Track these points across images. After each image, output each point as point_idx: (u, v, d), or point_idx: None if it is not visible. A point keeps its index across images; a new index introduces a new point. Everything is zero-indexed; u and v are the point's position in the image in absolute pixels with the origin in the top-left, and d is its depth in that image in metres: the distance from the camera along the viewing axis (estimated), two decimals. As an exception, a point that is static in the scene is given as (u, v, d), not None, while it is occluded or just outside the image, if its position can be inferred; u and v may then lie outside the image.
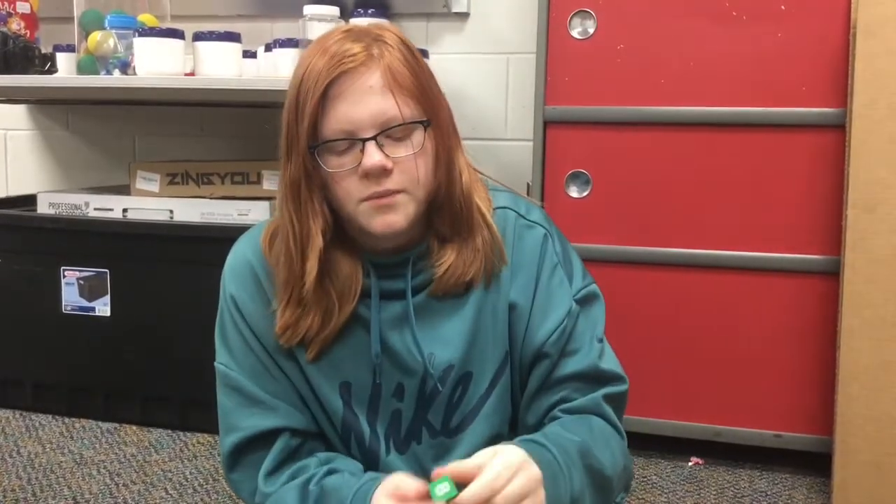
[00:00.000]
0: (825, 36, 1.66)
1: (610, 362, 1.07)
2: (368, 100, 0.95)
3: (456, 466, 0.87)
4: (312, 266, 0.98)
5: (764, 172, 1.72)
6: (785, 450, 1.78)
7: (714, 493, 1.70)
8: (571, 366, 1.04)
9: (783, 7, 1.68)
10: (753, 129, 1.71)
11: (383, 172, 0.95)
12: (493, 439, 1.06)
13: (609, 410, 1.05)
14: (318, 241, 0.98)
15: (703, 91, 1.73)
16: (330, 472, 1.02)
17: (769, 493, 1.71)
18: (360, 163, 0.95)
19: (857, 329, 1.57)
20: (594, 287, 1.10)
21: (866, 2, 1.54)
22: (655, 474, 1.79)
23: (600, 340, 1.07)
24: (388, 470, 1.06)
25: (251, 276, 1.06)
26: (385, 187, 0.95)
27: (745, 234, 1.74)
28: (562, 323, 1.03)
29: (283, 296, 1.02)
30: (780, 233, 1.72)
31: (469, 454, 1.01)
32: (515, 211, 1.07)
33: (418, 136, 0.97)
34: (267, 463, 1.04)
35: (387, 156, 0.95)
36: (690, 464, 1.84)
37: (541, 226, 1.07)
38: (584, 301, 1.07)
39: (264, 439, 1.05)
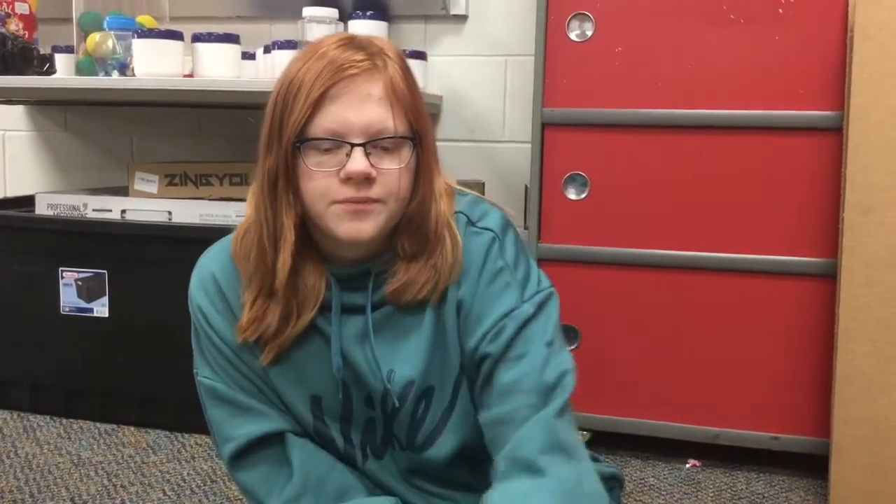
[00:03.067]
0: (823, 39, 1.67)
1: (553, 369, 0.99)
2: (366, 107, 0.94)
3: None
4: (285, 261, 0.98)
5: (761, 175, 1.72)
6: (782, 452, 1.78)
7: (711, 495, 1.71)
8: (514, 374, 0.97)
9: (781, 10, 1.68)
10: (751, 131, 1.72)
11: (365, 181, 0.94)
12: (464, 451, 1.05)
13: (563, 429, 0.96)
14: (290, 236, 0.98)
15: (701, 94, 1.73)
16: None
17: (766, 494, 1.71)
18: (343, 166, 0.94)
19: (854, 331, 1.57)
20: (547, 293, 1.04)
21: (864, 5, 1.54)
22: (653, 476, 1.79)
23: (549, 344, 1.00)
24: (367, 476, 1.07)
25: (215, 289, 1.06)
26: (364, 195, 0.95)
27: (742, 236, 1.74)
28: (498, 323, 0.99)
29: (254, 287, 1.02)
30: (777, 235, 1.72)
31: (441, 466, 1.04)
32: (468, 217, 1.04)
33: (406, 152, 0.97)
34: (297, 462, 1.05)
35: (372, 165, 0.94)
36: (688, 466, 1.84)
37: (490, 231, 1.03)
38: (540, 306, 1.02)
39: (266, 441, 1.05)
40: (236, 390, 1.06)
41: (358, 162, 0.94)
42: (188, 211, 1.99)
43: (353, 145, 0.94)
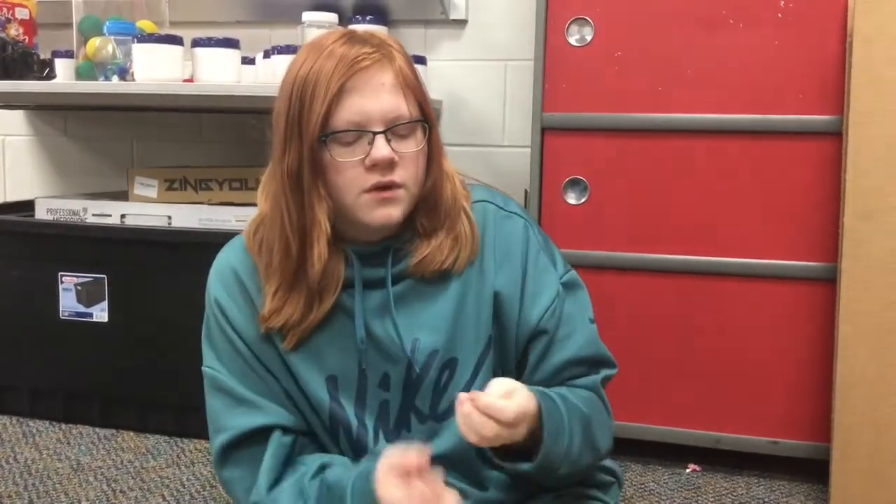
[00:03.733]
0: (822, 43, 1.67)
1: (601, 347, 1.13)
2: (381, 96, 1.00)
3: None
4: (321, 253, 1.02)
5: (761, 179, 1.72)
6: (782, 457, 1.78)
7: (712, 499, 1.70)
8: (570, 350, 1.08)
9: (780, 15, 1.68)
10: (751, 136, 1.72)
11: (390, 165, 1.00)
12: None
13: (603, 393, 1.11)
14: (326, 228, 1.02)
15: (701, 98, 1.74)
16: (323, 468, 1.05)
17: (766, 499, 1.71)
18: (367, 154, 0.99)
19: (854, 336, 1.57)
20: (575, 273, 1.14)
21: (863, 9, 1.55)
22: (653, 481, 1.79)
23: (592, 322, 1.12)
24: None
25: (235, 281, 1.10)
26: (388, 179, 1.00)
27: (742, 240, 1.74)
28: (552, 302, 1.08)
29: (275, 280, 1.05)
30: (777, 239, 1.72)
31: (459, 443, 1.04)
32: (494, 203, 1.12)
33: (419, 135, 1.04)
34: (266, 464, 1.05)
35: (393, 150, 1.00)
36: (688, 471, 1.84)
37: (519, 216, 1.12)
38: (569, 286, 1.11)
39: (254, 437, 1.07)
40: (238, 382, 1.08)
41: (381, 149, 0.99)
42: (188, 215, 1.99)
43: (374, 133, 0.99)
